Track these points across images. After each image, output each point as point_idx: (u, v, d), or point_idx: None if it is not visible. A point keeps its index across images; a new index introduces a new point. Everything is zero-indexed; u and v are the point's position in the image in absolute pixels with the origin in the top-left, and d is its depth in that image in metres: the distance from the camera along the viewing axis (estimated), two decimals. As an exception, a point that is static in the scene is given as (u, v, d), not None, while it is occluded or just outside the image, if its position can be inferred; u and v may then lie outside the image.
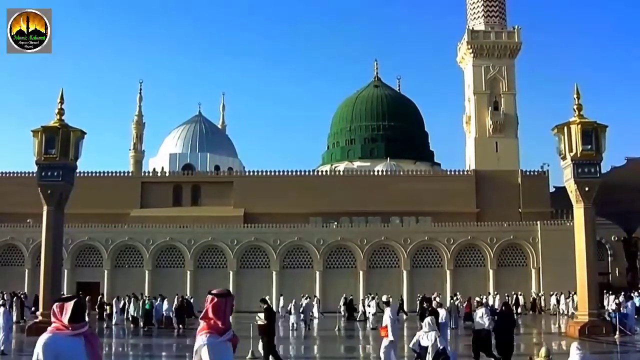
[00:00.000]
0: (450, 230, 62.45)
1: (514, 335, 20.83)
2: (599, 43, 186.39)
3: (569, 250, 36.55)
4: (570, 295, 53.36)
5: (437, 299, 23.38)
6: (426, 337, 17.55)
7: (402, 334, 29.73)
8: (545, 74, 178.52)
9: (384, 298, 19.99)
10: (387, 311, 19.03)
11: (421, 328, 18.80)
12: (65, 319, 6.11)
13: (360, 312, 49.91)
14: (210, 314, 6.43)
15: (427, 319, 18.16)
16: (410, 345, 18.96)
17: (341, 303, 53.14)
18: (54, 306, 6.23)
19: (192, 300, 47.82)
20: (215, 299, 6.45)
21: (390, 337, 18.66)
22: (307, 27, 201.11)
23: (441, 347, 16.93)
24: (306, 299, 45.41)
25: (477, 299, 22.68)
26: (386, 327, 18.77)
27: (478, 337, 20.64)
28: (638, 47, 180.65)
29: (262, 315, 21.52)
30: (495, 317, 21.63)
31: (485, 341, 20.31)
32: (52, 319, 6.24)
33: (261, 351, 21.44)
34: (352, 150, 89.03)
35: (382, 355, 18.76)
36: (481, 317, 20.69)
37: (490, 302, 51.60)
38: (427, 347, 17.40)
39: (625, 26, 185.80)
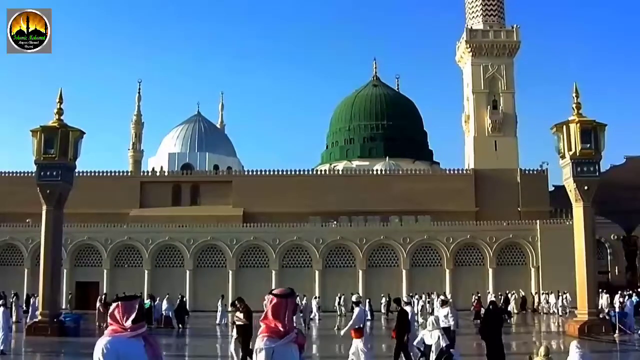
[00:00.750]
0: (449, 229, 62.48)
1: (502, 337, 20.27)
2: (598, 42, 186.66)
3: (569, 249, 36.53)
4: (560, 294, 53.55)
5: (405, 299, 22.95)
6: (430, 335, 17.52)
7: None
8: (544, 73, 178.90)
9: (354, 298, 19.68)
10: (356, 312, 18.74)
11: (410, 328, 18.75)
12: (129, 321, 5.79)
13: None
14: (270, 316, 6.04)
15: (431, 318, 18.13)
16: (415, 344, 18.87)
17: (337, 302, 53.15)
18: (114, 306, 5.86)
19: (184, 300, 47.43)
20: (275, 299, 6.08)
21: (362, 340, 18.30)
22: (306, 27, 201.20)
23: (444, 346, 16.89)
24: (304, 298, 45.43)
25: (442, 297, 22.17)
26: (358, 328, 18.40)
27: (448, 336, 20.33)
28: (637, 45, 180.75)
29: (241, 315, 21.34)
30: (478, 319, 21.35)
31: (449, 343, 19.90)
32: (109, 320, 5.87)
33: (233, 352, 21.27)
34: (351, 149, 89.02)
35: (362, 356, 18.37)
36: (446, 316, 20.28)
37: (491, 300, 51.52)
38: (431, 346, 17.37)
39: (624, 25, 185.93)
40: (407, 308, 20.65)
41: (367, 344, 18.38)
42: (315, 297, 53.06)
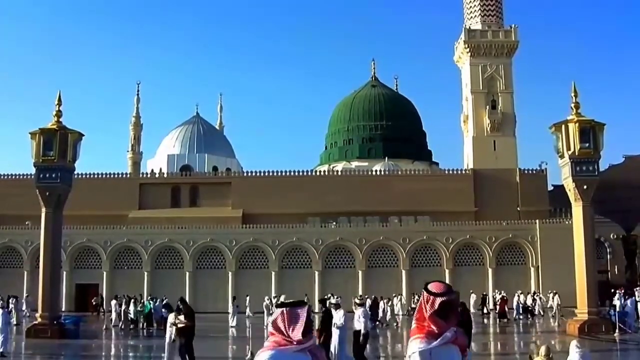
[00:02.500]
0: (448, 229, 62.48)
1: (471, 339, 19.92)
2: (597, 41, 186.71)
3: (568, 249, 36.52)
4: (537, 295, 53.57)
5: (333, 300, 22.67)
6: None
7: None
8: (543, 73, 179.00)
9: (333, 300, 19.65)
10: (339, 313, 18.64)
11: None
12: (298, 332, 4.88)
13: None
14: (426, 316, 5.17)
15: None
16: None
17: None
18: (277, 314, 4.96)
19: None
20: (432, 299, 5.16)
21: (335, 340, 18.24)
22: (305, 28, 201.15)
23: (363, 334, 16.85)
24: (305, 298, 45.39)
25: (356, 299, 21.72)
26: (339, 328, 18.28)
27: (356, 338, 20.01)
28: (635, 45, 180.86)
29: (182, 317, 21.22)
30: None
31: (357, 344, 19.67)
32: (271, 329, 4.97)
33: (166, 354, 21.13)
34: (350, 150, 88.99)
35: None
36: (358, 318, 19.96)
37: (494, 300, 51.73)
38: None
39: (622, 24, 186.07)
40: (360, 309, 20.43)
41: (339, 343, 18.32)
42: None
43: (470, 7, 79.68)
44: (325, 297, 30.00)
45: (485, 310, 52.15)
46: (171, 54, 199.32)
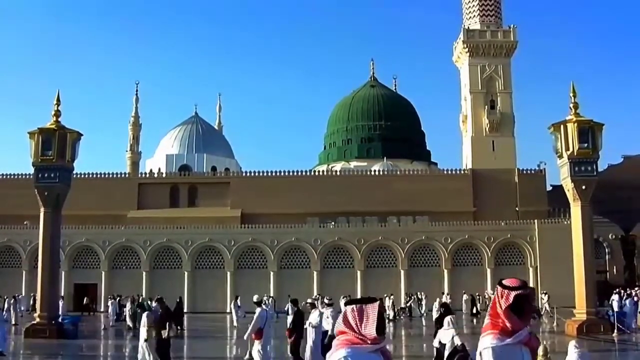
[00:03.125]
0: (447, 229, 62.48)
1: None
2: (595, 41, 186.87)
3: (567, 249, 36.51)
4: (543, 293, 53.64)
5: (326, 300, 22.47)
6: (445, 334, 17.48)
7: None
8: (542, 73, 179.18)
9: (255, 298, 19.50)
10: (258, 312, 18.51)
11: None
12: (372, 329, 4.55)
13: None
14: (500, 312, 4.94)
15: (448, 318, 18.01)
16: (434, 344, 18.70)
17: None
18: (349, 310, 4.67)
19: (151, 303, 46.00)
20: (506, 293, 4.95)
21: (261, 341, 18.12)
22: (303, 28, 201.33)
23: (459, 344, 16.81)
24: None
25: (326, 299, 21.54)
26: (259, 330, 18.15)
27: (323, 340, 19.60)
28: (634, 44, 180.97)
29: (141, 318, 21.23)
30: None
31: (327, 345, 19.53)
32: (342, 327, 4.67)
33: (139, 355, 21.07)
34: (349, 150, 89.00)
35: (256, 357, 18.12)
36: (326, 318, 19.75)
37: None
38: (445, 345, 17.31)
39: (620, 24, 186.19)
40: (329, 309, 20.35)
41: (265, 346, 18.18)
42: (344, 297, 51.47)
43: (469, 7, 79.72)
44: (315, 297, 29.91)
45: (474, 311, 51.91)
46: (170, 53, 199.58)
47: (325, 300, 21.27)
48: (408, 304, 54.95)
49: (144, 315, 19.71)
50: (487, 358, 4.94)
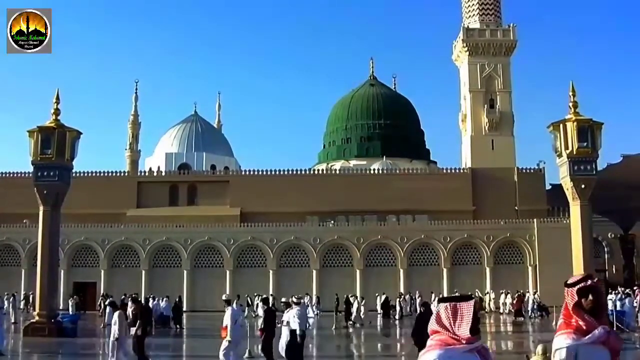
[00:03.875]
0: (446, 228, 62.47)
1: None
2: (595, 40, 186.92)
3: (566, 248, 36.53)
4: (507, 294, 53.72)
5: (294, 299, 22.27)
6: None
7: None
8: (541, 72, 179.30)
9: (224, 297, 19.54)
10: (228, 311, 18.49)
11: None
12: (466, 329, 4.34)
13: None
14: (571, 311, 4.81)
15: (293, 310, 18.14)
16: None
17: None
18: (442, 308, 4.45)
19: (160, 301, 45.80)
20: (570, 291, 4.87)
21: (229, 338, 18.13)
22: (303, 26, 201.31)
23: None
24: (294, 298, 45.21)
25: (293, 298, 21.45)
26: (226, 327, 18.17)
27: (292, 337, 19.49)
28: (633, 44, 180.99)
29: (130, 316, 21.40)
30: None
31: (292, 344, 19.59)
32: (436, 326, 4.45)
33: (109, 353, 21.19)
34: (348, 149, 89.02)
35: (221, 356, 18.10)
36: (293, 317, 19.88)
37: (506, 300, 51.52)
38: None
39: (620, 23, 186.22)
40: (295, 308, 20.31)
41: (233, 343, 18.19)
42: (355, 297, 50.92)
43: (469, 6, 79.76)
44: (296, 296, 29.86)
45: None
46: (170, 52, 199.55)
47: (294, 299, 21.20)
48: (397, 303, 54.88)
49: (115, 314, 19.81)
50: (561, 357, 4.79)
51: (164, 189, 72.55)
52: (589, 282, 4.84)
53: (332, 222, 65.03)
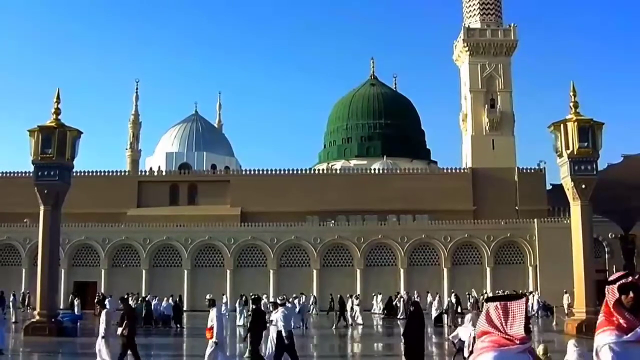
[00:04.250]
0: (447, 228, 62.49)
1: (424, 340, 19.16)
2: (595, 40, 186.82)
3: (566, 248, 36.59)
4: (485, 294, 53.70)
5: (279, 300, 22.23)
6: (465, 331, 17.61)
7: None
8: (542, 72, 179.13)
9: (208, 296, 19.55)
10: (213, 312, 18.49)
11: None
12: (520, 328, 4.20)
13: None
14: (612, 308, 4.66)
15: (468, 315, 18.13)
16: (450, 337, 18.79)
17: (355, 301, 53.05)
18: (491, 307, 4.29)
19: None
20: (611, 288, 4.66)
21: (215, 339, 18.13)
22: (303, 26, 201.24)
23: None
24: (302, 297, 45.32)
25: (279, 299, 21.50)
26: (211, 328, 18.16)
27: (279, 338, 19.63)
28: (634, 43, 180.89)
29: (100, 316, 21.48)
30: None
31: (280, 345, 19.38)
32: (486, 326, 4.27)
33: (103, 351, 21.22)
34: (349, 148, 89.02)
35: (206, 358, 18.11)
36: (279, 318, 19.83)
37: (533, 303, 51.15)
38: (464, 342, 17.46)
39: (621, 23, 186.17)
40: (280, 309, 20.32)
41: (219, 344, 18.18)
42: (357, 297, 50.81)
43: (470, 5, 79.73)
44: (280, 297, 29.82)
45: (459, 310, 51.31)
46: (170, 51, 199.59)
47: (278, 300, 21.29)
48: (394, 303, 54.85)
49: (103, 312, 19.94)
50: (605, 356, 4.64)
51: (164, 189, 72.59)
52: (630, 278, 4.68)
53: (333, 221, 65.05)
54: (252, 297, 21.98)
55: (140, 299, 43.68)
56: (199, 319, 47.82)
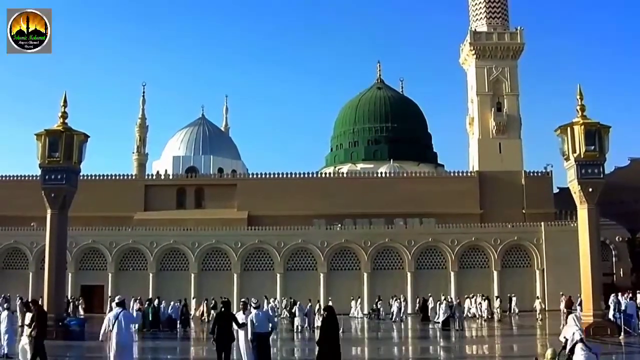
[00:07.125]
0: (454, 231, 62.41)
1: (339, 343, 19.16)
2: (602, 43, 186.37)
3: (573, 251, 36.51)
4: (483, 298, 53.24)
5: (253, 302, 22.14)
6: (568, 330, 17.85)
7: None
8: (548, 75, 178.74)
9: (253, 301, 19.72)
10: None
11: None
12: None
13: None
14: None
15: (572, 315, 18.44)
16: (560, 338, 19.00)
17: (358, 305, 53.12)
18: None
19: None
20: None
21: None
22: (311, 30, 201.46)
23: (579, 339, 17.10)
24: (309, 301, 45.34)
25: (253, 302, 21.56)
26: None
27: (259, 340, 19.83)
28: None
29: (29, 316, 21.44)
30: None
31: (260, 346, 19.62)
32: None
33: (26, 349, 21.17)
34: (356, 152, 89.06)
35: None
36: (251, 320, 19.85)
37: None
38: (567, 339, 17.72)
39: (628, 26, 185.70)
40: (253, 311, 20.26)
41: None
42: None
43: (476, 9, 79.65)
44: (254, 301, 29.78)
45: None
46: (177, 55, 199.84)
47: (252, 302, 21.31)
48: (377, 306, 54.86)
49: (27, 315, 20.51)
50: None
51: (171, 192, 72.67)
52: None
53: (340, 225, 65.01)
54: (223, 300, 21.86)
55: (147, 302, 43.66)
56: (205, 323, 47.95)
